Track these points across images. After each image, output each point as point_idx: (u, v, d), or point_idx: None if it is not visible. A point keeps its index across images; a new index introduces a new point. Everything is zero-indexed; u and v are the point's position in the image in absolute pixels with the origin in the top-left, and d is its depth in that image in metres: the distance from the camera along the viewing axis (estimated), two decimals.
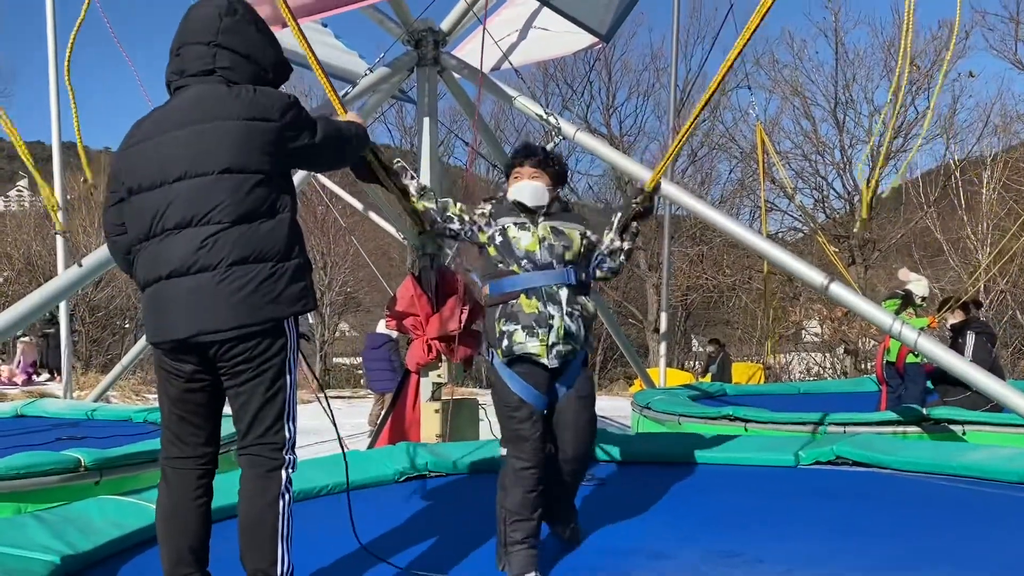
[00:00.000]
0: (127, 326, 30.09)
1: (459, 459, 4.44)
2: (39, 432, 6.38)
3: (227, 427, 2.55)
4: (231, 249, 2.38)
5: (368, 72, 6.08)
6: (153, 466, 4.92)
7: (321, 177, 7.33)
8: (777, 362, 23.62)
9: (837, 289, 5.04)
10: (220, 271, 2.36)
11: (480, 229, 3.21)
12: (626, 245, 3.39)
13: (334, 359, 32.50)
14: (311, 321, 29.15)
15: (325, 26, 7.92)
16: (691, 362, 27.45)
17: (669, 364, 23.23)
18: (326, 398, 2.76)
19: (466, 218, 3.24)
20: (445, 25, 6.55)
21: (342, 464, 4.23)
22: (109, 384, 8.49)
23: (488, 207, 3.27)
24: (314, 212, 26.42)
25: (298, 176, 6.90)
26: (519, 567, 2.82)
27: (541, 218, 3.19)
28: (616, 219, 3.39)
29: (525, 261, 3.08)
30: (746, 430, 6.19)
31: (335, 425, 2.81)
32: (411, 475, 4.26)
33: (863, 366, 20.79)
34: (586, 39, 7.13)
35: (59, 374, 18.64)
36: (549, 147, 7.21)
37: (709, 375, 15.20)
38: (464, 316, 6.14)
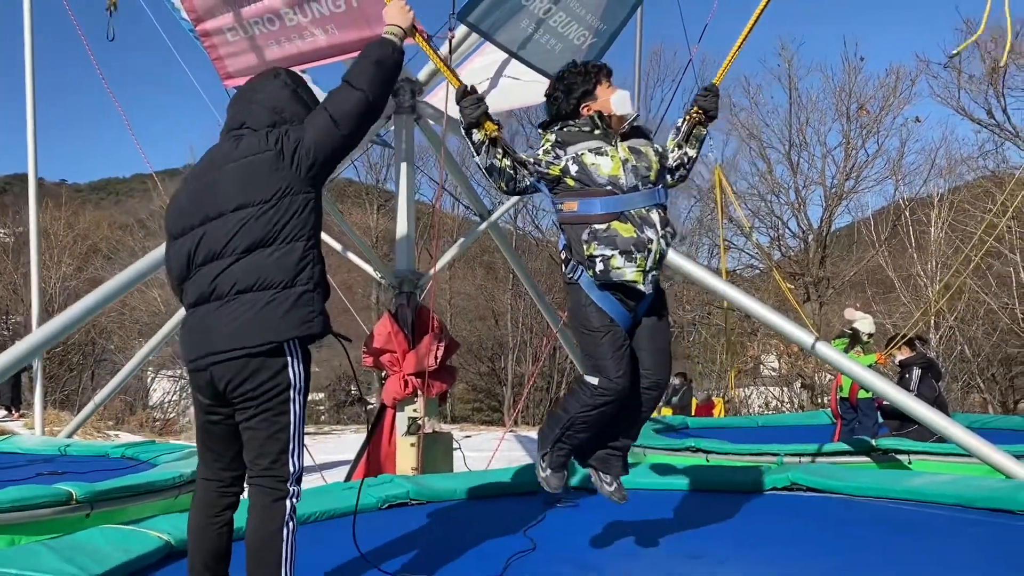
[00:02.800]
0: (84, 362, 29.66)
1: (440, 488, 4.66)
2: (18, 468, 6.43)
3: None
4: (240, 278, 2.59)
5: None
6: (140, 499, 5.08)
7: None
8: (736, 396, 24.08)
9: (823, 348, 5.64)
10: (227, 298, 2.59)
11: (550, 164, 3.07)
12: (694, 153, 3.26)
13: None
14: None
15: (304, 72, 8.20)
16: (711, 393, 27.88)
17: None
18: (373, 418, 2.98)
19: (531, 161, 3.08)
20: (421, 76, 6.87)
21: (323, 495, 4.45)
22: (83, 420, 8.55)
23: (552, 136, 3.14)
24: None
25: None
26: (559, 464, 3.17)
27: (617, 138, 3.09)
28: (682, 124, 3.26)
29: (610, 187, 3.00)
30: (707, 461, 6.49)
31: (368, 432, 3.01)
32: (394, 503, 4.47)
33: (819, 400, 21.36)
34: None
35: (17, 411, 18.38)
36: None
37: (671, 408, 15.54)
38: (439, 352, 6.40)
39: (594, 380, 3.01)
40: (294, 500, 2.63)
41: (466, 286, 30.70)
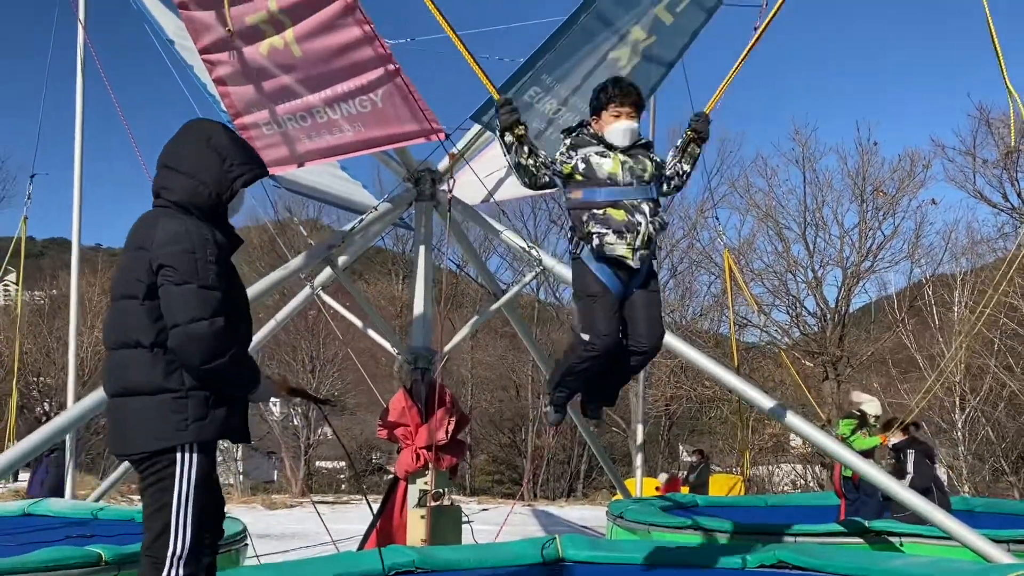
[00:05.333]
0: None
1: (446, 557, 4.93)
2: (49, 530, 6.78)
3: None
4: (116, 379, 2.71)
5: (375, 209, 6.90)
6: None
7: (322, 294, 7.94)
8: (754, 473, 23.89)
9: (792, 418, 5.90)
10: (112, 399, 2.74)
11: (563, 163, 3.84)
12: (688, 168, 4.02)
13: (317, 462, 32.41)
14: (297, 424, 29.28)
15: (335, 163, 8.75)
16: (676, 471, 27.73)
17: (653, 473, 23.48)
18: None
19: (549, 160, 3.85)
20: (441, 166, 7.38)
21: (332, 563, 4.73)
22: (112, 484, 8.89)
23: (568, 140, 3.92)
24: (305, 316, 27.02)
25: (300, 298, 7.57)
26: (559, 404, 4.04)
27: (617, 150, 3.81)
28: (680, 143, 4.05)
29: (609, 181, 3.74)
30: (708, 539, 6.68)
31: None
32: (400, 571, 4.74)
33: None
34: None
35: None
36: (529, 277, 7.82)
37: (687, 486, 15.56)
38: (451, 427, 6.71)
39: (586, 336, 3.70)
40: None
41: (488, 356, 30.96)
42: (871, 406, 8.60)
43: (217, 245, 2.75)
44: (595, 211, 3.71)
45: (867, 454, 7.59)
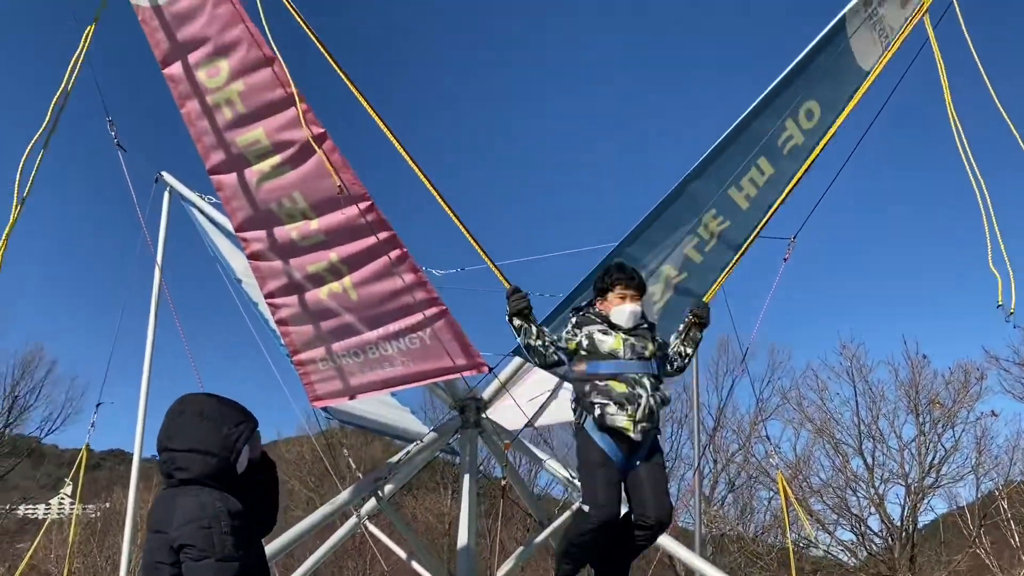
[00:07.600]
0: None
1: None
2: None
3: None
4: None
5: (421, 441, 7.10)
6: None
7: (368, 524, 7.96)
8: None
9: None
10: None
11: (568, 340, 4.06)
12: (689, 351, 4.26)
13: None
14: None
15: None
16: None
17: None
18: None
19: (555, 338, 4.10)
20: (486, 394, 7.63)
21: None
22: None
23: (574, 319, 4.17)
24: (353, 536, 26.47)
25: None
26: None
27: (621, 330, 4.06)
28: (682, 328, 4.32)
29: (611, 356, 3.92)
30: None
31: None
32: None
33: None
34: None
35: None
36: (576, 506, 7.82)
37: None
38: None
39: (586, 507, 3.76)
40: None
41: None
42: None
43: (231, 515, 2.93)
44: (597, 383, 3.91)
45: None
